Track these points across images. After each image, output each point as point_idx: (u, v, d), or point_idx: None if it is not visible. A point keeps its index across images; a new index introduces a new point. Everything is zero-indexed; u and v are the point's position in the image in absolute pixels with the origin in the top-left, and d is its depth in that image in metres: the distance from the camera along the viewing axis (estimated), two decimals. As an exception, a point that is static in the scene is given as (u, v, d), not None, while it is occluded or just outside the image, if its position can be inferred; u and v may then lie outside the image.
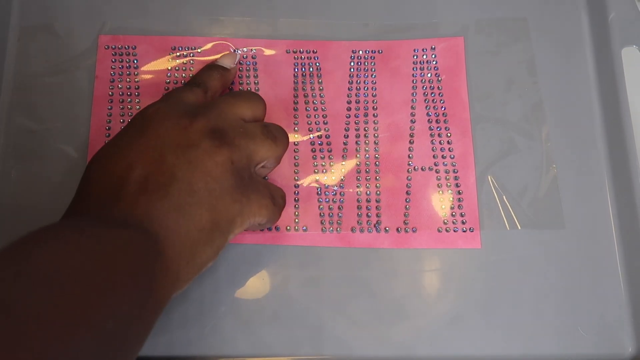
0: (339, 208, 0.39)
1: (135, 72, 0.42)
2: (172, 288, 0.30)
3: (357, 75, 0.42)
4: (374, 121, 0.41)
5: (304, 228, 0.39)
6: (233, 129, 0.33)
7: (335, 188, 0.40)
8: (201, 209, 0.30)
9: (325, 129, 0.41)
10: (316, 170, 0.40)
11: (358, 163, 0.40)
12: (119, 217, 0.29)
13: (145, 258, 0.28)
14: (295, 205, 0.39)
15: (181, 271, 0.30)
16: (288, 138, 0.36)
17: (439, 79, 0.42)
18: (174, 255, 0.29)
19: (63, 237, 0.27)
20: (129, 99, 0.41)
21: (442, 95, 0.42)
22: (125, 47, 0.42)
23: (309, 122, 0.41)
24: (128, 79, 0.42)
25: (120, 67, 0.42)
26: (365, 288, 0.38)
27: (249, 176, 0.33)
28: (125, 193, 0.30)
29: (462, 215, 0.39)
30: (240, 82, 0.42)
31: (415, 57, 0.42)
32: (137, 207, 0.29)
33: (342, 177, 0.40)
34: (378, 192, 0.40)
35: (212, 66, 0.40)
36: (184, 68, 0.42)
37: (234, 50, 0.42)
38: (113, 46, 0.42)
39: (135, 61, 0.42)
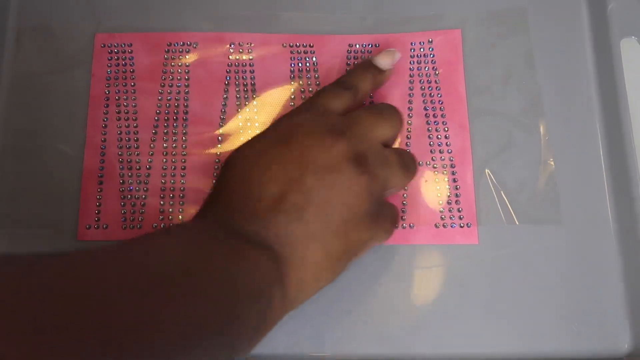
0: (336, 205, 0.39)
1: (132, 70, 0.42)
2: (283, 313, 0.30)
3: (354, 69, 0.42)
4: (371, 116, 0.41)
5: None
6: (374, 156, 0.32)
7: (333, 184, 0.39)
8: (333, 238, 0.30)
9: (322, 125, 0.41)
10: (313, 167, 0.40)
11: (355, 159, 0.40)
12: (250, 231, 0.29)
13: (269, 283, 0.28)
14: (292, 203, 0.39)
15: (299, 297, 0.30)
16: (417, 168, 0.36)
17: (437, 72, 0.42)
18: (296, 282, 0.30)
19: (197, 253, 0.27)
20: (125, 97, 0.41)
21: (439, 90, 0.41)
22: (121, 45, 0.42)
23: (306, 117, 0.41)
24: (124, 77, 0.42)
25: (116, 65, 0.42)
26: (363, 285, 0.38)
27: (379, 203, 0.33)
28: (261, 208, 0.30)
29: (459, 211, 0.39)
30: (237, 76, 0.42)
31: (412, 50, 0.42)
32: (270, 226, 0.29)
33: (339, 174, 0.40)
34: (375, 188, 0.39)
35: (366, 66, 0.38)
36: (179, 64, 0.42)
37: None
38: (109, 44, 0.42)
39: (131, 58, 0.42)
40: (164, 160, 0.40)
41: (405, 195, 0.39)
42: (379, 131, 0.34)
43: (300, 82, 0.42)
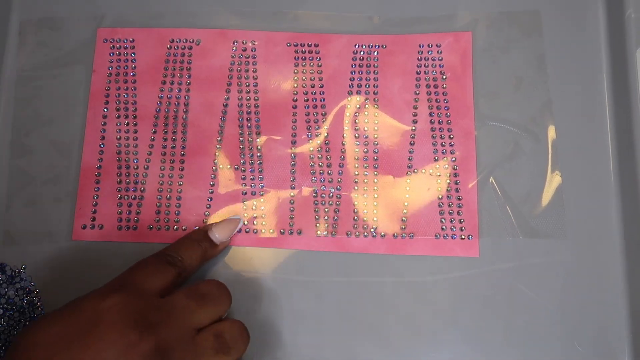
0: (334, 211, 0.38)
1: (133, 66, 0.41)
2: None
3: (359, 71, 0.41)
4: (375, 121, 0.40)
5: (299, 231, 0.38)
6: (182, 349, 0.29)
7: (332, 190, 0.39)
8: None
9: (324, 127, 0.40)
10: (313, 172, 0.39)
11: (356, 165, 0.39)
12: None
13: None
14: (290, 208, 0.39)
15: None
16: (247, 342, 0.32)
17: (444, 77, 0.40)
18: None
19: None
20: (125, 94, 0.41)
21: (446, 95, 0.40)
22: (123, 40, 0.41)
23: (308, 119, 0.40)
24: (125, 73, 0.41)
25: (117, 61, 0.41)
26: (361, 294, 0.37)
27: None
28: None
29: (461, 222, 0.38)
30: (239, 75, 0.41)
31: (420, 52, 0.41)
32: None
33: (339, 179, 0.39)
34: (376, 195, 0.39)
35: (198, 238, 0.35)
36: (181, 61, 0.41)
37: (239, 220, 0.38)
38: (111, 39, 0.41)
39: (132, 54, 0.41)
40: (162, 160, 0.39)
41: (406, 203, 0.38)
42: (197, 318, 0.31)
43: (304, 83, 0.41)
